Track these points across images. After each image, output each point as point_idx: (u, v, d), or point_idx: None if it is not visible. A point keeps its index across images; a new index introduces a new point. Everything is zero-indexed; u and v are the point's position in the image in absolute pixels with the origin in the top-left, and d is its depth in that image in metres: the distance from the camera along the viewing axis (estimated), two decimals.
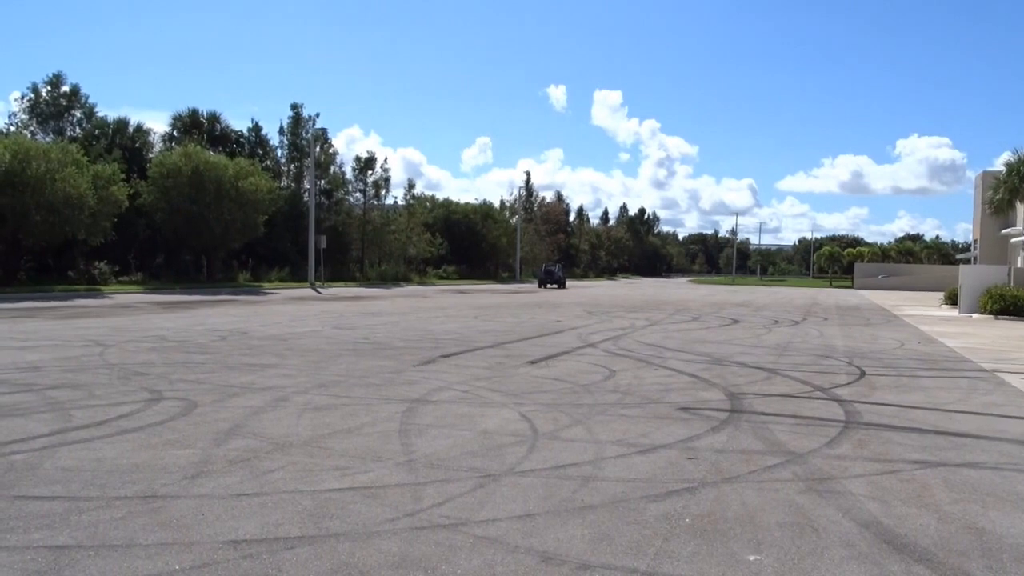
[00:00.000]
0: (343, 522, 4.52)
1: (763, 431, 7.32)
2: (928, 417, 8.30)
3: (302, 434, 6.80)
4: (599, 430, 7.21)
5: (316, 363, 11.60)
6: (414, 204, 74.17)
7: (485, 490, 5.20)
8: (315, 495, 5.03)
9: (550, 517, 4.68)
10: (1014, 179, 29.71)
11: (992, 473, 5.99)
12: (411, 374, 10.65)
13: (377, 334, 16.60)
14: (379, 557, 4.01)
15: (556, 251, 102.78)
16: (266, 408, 7.98)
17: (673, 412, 8.21)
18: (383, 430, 7.02)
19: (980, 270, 33.76)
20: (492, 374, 10.81)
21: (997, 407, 9.03)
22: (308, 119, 61.56)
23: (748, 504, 5.03)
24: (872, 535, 4.50)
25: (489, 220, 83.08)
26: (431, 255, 70.75)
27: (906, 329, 21.80)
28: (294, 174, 62.75)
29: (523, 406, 8.34)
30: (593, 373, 11.10)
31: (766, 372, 11.65)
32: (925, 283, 69.89)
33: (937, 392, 10.10)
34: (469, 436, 6.84)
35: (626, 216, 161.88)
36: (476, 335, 16.84)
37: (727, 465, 6.02)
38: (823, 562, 4.08)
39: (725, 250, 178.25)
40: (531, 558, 4.04)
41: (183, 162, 44.74)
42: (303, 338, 15.42)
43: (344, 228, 62.25)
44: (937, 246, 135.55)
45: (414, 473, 5.59)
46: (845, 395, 9.61)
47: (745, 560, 4.10)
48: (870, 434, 7.32)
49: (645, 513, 4.80)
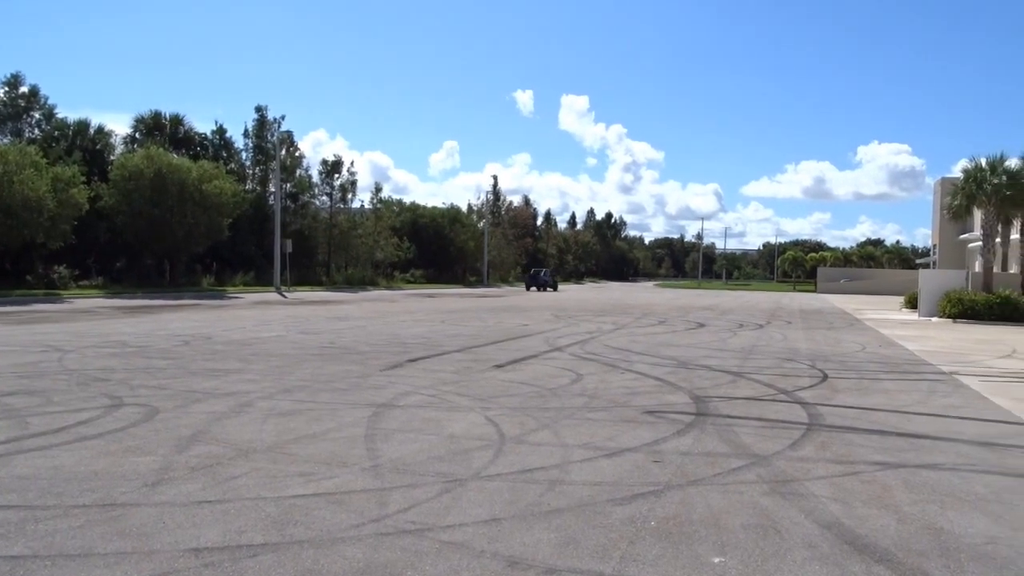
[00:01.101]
0: (307, 529, 4.47)
1: (728, 434, 7.39)
2: (889, 419, 8.43)
3: (266, 440, 6.72)
4: (566, 434, 7.22)
5: (281, 368, 11.48)
6: (381, 208, 73.83)
7: (451, 495, 5.18)
8: (279, 501, 4.97)
9: (516, 521, 4.68)
10: (971, 185, 30.29)
11: (950, 474, 6.10)
12: (378, 379, 10.59)
13: (343, 338, 16.49)
14: (344, 564, 3.98)
15: (524, 255, 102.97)
16: (229, 414, 7.88)
17: (639, 416, 8.25)
18: (349, 435, 6.97)
19: (939, 274, 34.44)
20: (459, 378, 10.78)
21: (955, 409, 9.20)
22: (273, 122, 61.03)
23: (713, 506, 5.07)
24: (834, 536, 4.56)
25: (457, 224, 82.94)
26: (398, 259, 70.42)
27: (867, 333, 22.15)
28: (259, 177, 62.14)
29: (490, 410, 8.32)
30: (560, 377, 11.12)
31: (731, 375, 11.76)
32: (886, 287, 71.11)
33: (897, 394, 10.27)
34: (435, 441, 6.81)
35: (593, 220, 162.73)
36: (443, 339, 16.79)
37: (692, 468, 6.06)
38: (786, 563, 4.12)
39: (691, 254, 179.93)
40: (497, 563, 4.03)
41: (145, 164, 44.02)
42: (268, 343, 15.26)
43: (310, 232, 61.73)
44: (898, 251, 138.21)
45: (380, 478, 5.56)
46: (808, 398, 9.73)
47: (710, 562, 4.13)
48: (832, 436, 7.42)
49: (611, 516, 4.81)
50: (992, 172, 30.00)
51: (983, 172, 30.17)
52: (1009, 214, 31.34)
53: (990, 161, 30.38)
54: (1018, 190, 29.72)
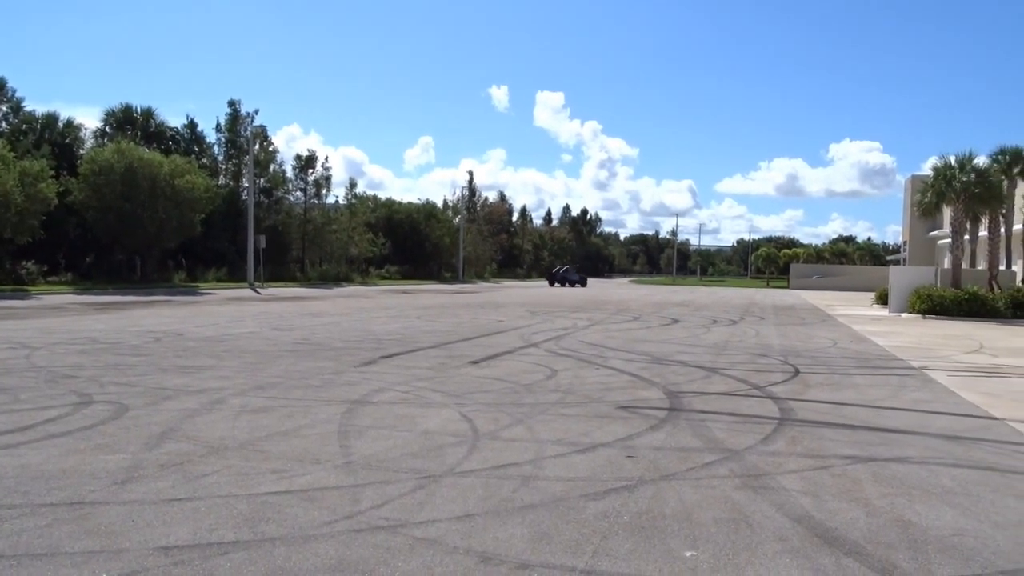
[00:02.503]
0: (279, 526, 4.44)
1: (701, 429, 7.43)
2: (859, 413, 8.53)
3: (238, 437, 6.67)
4: (540, 429, 7.23)
5: (254, 365, 11.39)
6: (356, 203, 73.41)
7: (425, 491, 5.17)
8: (251, 499, 4.93)
9: (490, 517, 4.68)
10: (941, 183, 30.69)
11: (919, 467, 6.18)
12: (351, 375, 10.53)
13: (317, 335, 16.39)
14: (316, 560, 3.95)
15: (499, 251, 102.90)
16: (201, 411, 7.80)
17: (613, 411, 8.28)
18: (322, 432, 6.93)
19: (909, 271, 34.89)
20: (434, 374, 10.76)
21: (924, 403, 9.33)
22: (246, 116, 60.42)
23: (685, 501, 5.10)
24: (804, 529, 4.60)
25: (432, 220, 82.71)
26: (373, 255, 70.11)
27: (839, 328, 22.40)
28: (232, 172, 61.54)
29: (464, 406, 8.31)
30: (535, 373, 11.13)
31: (705, 371, 11.84)
32: (857, 283, 71.98)
33: (868, 389, 10.39)
34: (409, 437, 6.79)
35: (569, 217, 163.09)
36: (418, 335, 16.75)
37: (665, 463, 6.09)
38: (757, 557, 4.16)
39: (666, 251, 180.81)
40: (470, 559, 4.03)
41: (116, 159, 43.41)
42: (241, 339, 15.13)
43: (284, 227, 61.23)
44: (869, 247, 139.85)
45: (353, 475, 5.53)
46: (780, 393, 9.82)
47: (682, 556, 4.15)
48: (804, 431, 7.49)
49: (584, 512, 4.83)
50: (961, 170, 30.41)
51: (952, 170, 30.58)
52: (977, 211, 31.80)
53: (959, 159, 30.80)
54: (986, 188, 30.16)
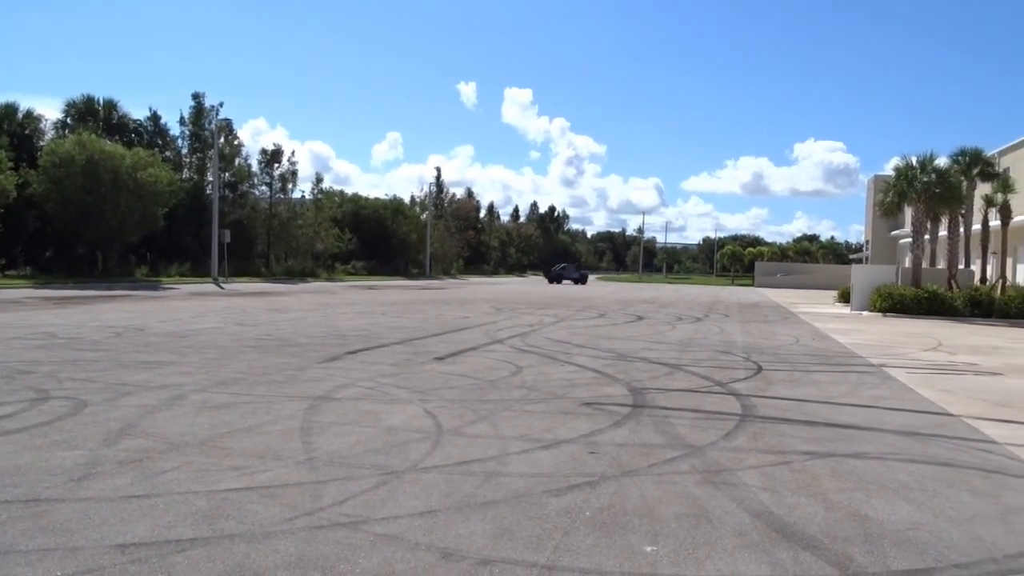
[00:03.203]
0: (239, 523, 4.40)
1: (664, 425, 7.49)
2: (819, 410, 8.66)
3: (199, 433, 6.59)
4: (504, 426, 7.24)
5: (216, 360, 11.26)
6: (322, 198, 72.79)
7: (387, 487, 5.15)
8: (210, 495, 4.87)
9: (452, 513, 4.67)
10: (902, 183, 31.22)
11: (876, 463, 6.29)
12: (315, 371, 10.46)
13: (282, 330, 16.24)
14: (275, 557, 3.92)
15: (466, 248, 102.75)
16: (161, 407, 7.69)
17: (577, 407, 8.31)
18: (284, 428, 6.87)
19: (870, 269, 35.47)
20: (398, 371, 10.71)
21: (882, 400, 9.49)
22: (211, 109, 59.48)
23: (647, 496, 5.14)
24: (763, 524, 4.66)
25: (399, 216, 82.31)
26: (339, 250, 69.60)
27: (802, 326, 22.70)
28: (196, 166, 60.66)
29: (428, 402, 8.30)
30: (499, 369, 11.14)
31: (668, 367, 11.93)
32: (821, 282, 72.95)
33: (828, 386, 10.55)
34: (373, 433, 6.76)
35: (536, 214, 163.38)
36: (383, 331, 16.67)
37: (628, 459, 6.13)
38: (716, 551, 4.20)
39: (632, 248, 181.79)
40: (431, 555, 4.02)
41: (77, 151, 42.57)
42: (203, 335, 14.95)
43: (249, 222, 60.54)
44: (832, 246, 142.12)
45: (315, 471, 5.49)
46: (742, 389, 9.93)
47: (642, 551, 4.18)
48: (765, 427, 7.59)
49: (547, 507, 4.84)
50: (922, 170, 30.97)
51: (914, 170, 31.12)
52: (938, 211, 32.40)
53: (920, 160, 31.36)
54: (946, 188, 30.75)
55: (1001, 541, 4.50)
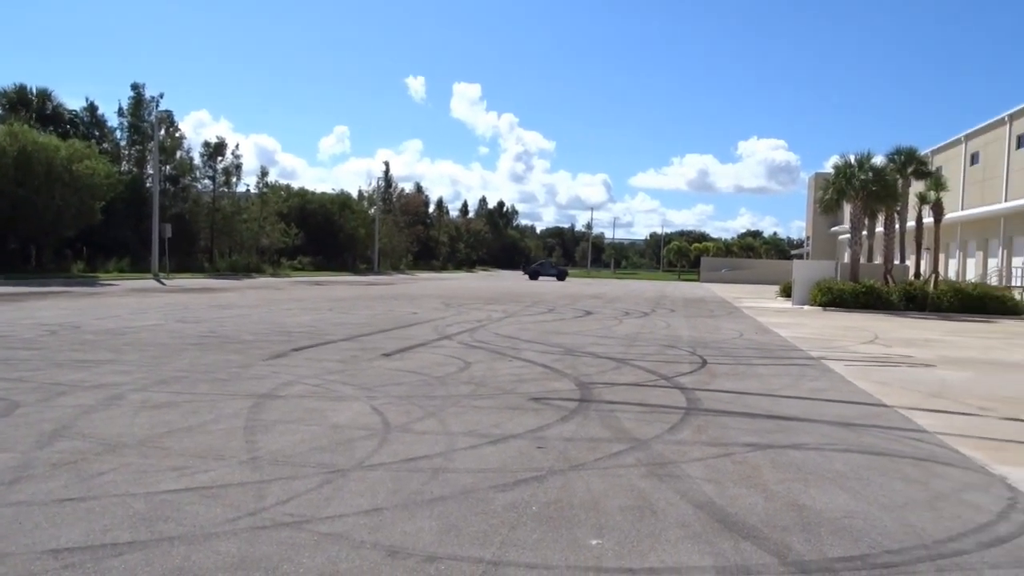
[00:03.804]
0: (179, 525, 4.31)
1: (610, 419, 7.56)
2: (761, 402, 8.84)
3: (137, 434, 6.44)
4: (451, 422, 7.23)
5: (157, 358, 11.01)
6: (267, 192, 71.62)
7: (332, 486, 5.10)
8: (149, 497, 4.77)
9: (398, 511, 4.65)
10: (841, 180, 32.01)
11: (815, 453, 6.44)
12: (260, 368, 10.30)
13: (225, 327, 15.96)
14: (216, 559, 3.86)
15: (415, 243, 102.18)
16: (98, 407, 7.50)
17: (525, 402, 8.34)
18: (227, 427, 6.76)
19: (811, 265, 36.29)
20: (345, 367, 10.62)
21: (821, 392, 9.73)
22: (151, 100, 58.11)
23: (593, 490, 5.18)
24: (706, 515, 4.74)
25: (347, 210, 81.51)
26: (285, 246, 68.59)
27: (745, 320, 23.12)
28: (136, 158, 59.12)
29: (375, 399, 8.24)
30: (448, 365, 11.12)
31: (615, 362, 12.04)
32: (764, 276, 74.49)
33: (770, 379, 10.77)
34: (318, 431, 6.69)
35: (485, 209, 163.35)
36: (330, 328, 16.50)
37: (575, 453, 6.18)
38: (660, 543, 4.26)
39: (581, 244, 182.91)
40: (377, 553, 4.00)
41: (8, 142, 41.10)
42: (143, 332, 14.60)
43: (191, 216, 59.29)
44: (775, 242, 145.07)
45: (258, 471, 5.41)
46: (687, 383, 10.08)
47: (588, 545, 4.22)
48: (708, 419, 7.71)
49: (493, 503, 4.85)
50: (860, 168, 31.81)
51: (852, 169, 31.95)
52: (874, 208, 33.32)
53: (859, 158, 32.21)
54: (882, 186, 31.64)
55: (930, 527, 4.66)
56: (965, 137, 44.20)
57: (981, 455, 6.53)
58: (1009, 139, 37.93)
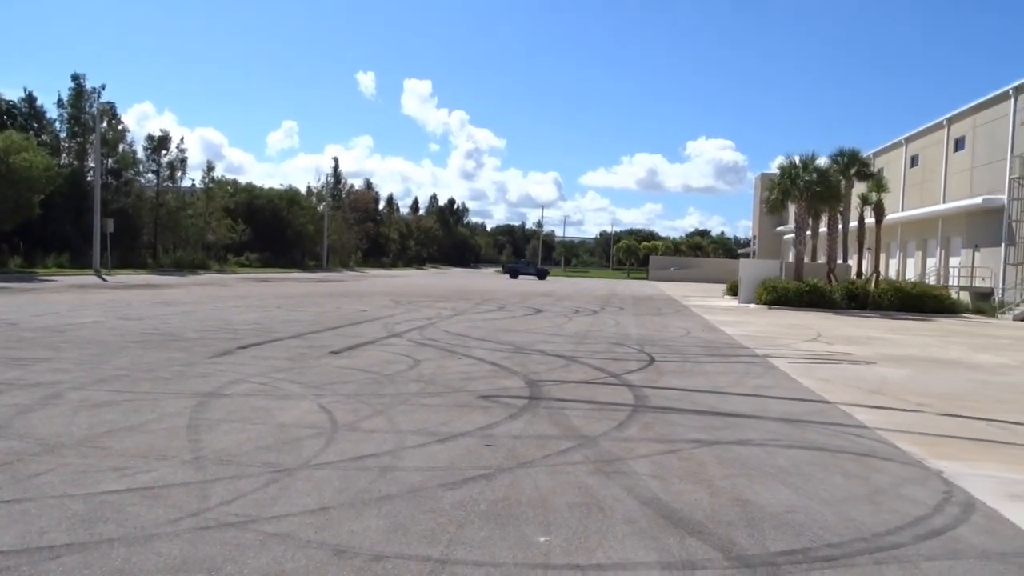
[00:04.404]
0: (119, 526, 4.21)
1: (559, 417, 7.60)
2: (707, 399, 8.97)
3: (76, 433, 6.27)
4: (400, 420, 7.19)
5: (97, 356, 10.74)
6: (213, 187, 70.18)
7: (278, 485, 5.04)
8: (88, 499, 4.65)
9: (345, 510, 4.61)
10: (786, 181, 32.67)
11: (759, 449, 6.56)
12: (205, 366, 10.11)
13: (169, 324, 15.63)
14: (158, 561, 3.78)
15: (365, 240, 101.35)
16: (35, 406, 7.28)
17: (474, 400, 8.34)
18: (170, 426, 6.62)
19: (757, 264, 36.97)
20: (292, 365, 10.49)
21: (765, 389, 9.92)
22: (92, 91, 56.53)
23: (541, 487, 5.20)
24: (652, 511, 4.80)
25: (295, 206, 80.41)
26: (232, 242, 67.42)
27: (693, 318, 23.44)
28: (76, 151, 57.45)
29: (323, 397, 8.16)
30: (397, 363, 11.06)
31: (565, 360, 12.11)
32: (711, 275, 75.61)
33: (716, 376, 10.94)
34: (264, 430, 6.59)
35: (436, 206, 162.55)
36: (278, 325, 16.27)
37: (523, 450, 6.20)
38: (607, 539, 4.30)
39: (531, 242, 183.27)
40: (323, 552, 3.96)
41: None
42: (83, 329, 14.22)
43: (135, 211, 57.86)
44: (722, 241, 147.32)
45: (202, 471, 5.32)
46: (635, 380, 10.18)
47: (535, 542, 4.24)
48: (656, 416, 7.81)
49: (441, 501, 4.84)
50: (804, 169, 32.49)
51: (797, 169, 32.62)
52: (818, 208, 34.05)
53: (803, 159, 32.91)
54: (826, 187, 32.37)
55: (869, 520, 4.78)
56: (905, 140, 45.36)
57: (918, 450, 6.73)
58: (947, 142, 39.06)
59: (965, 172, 37.24)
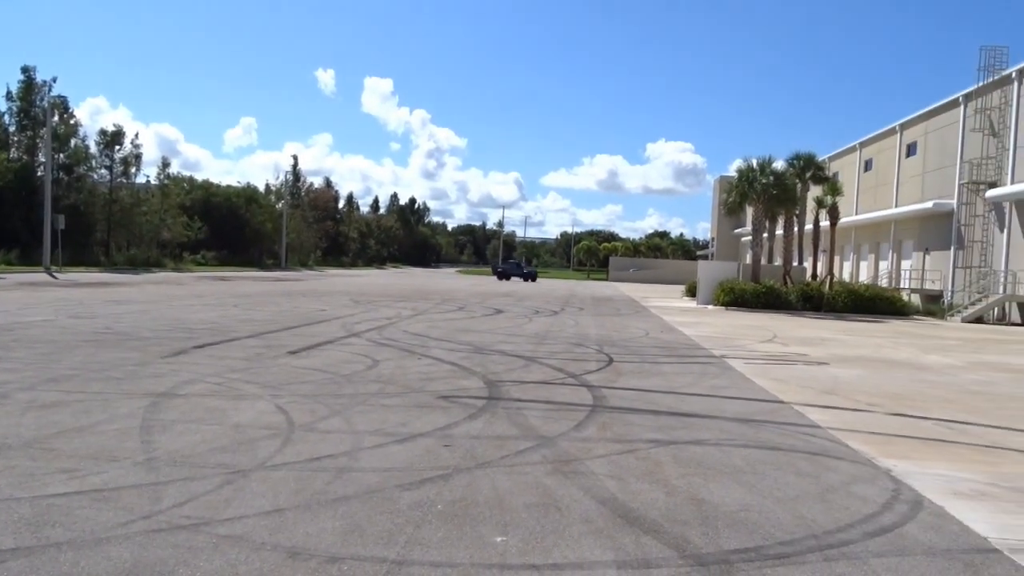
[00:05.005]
0: (67, 530, 4.13)
1: (518, 417, 7.62)
2: (665, 400, 9.06)
3: (24, 435, 6.12)
4: (358, 420, 7.15)
5: (47, 355, 10.49)
6: (169, 184, 69.10)
7: (233, 487, 4.97)
8: (35, 502, 4.54)
9: (300, 511, 4.57)
10: (744, 184, 33.10)
11: (714, 449, 6.65)
12: (159, 366, 9.94)
13: (122, 323, 15.33)
14: (108, 565, 3.71)
15: (324, 238, 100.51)
16: None
17: (433, 401, 8.32)
18: (122, 427, 6.50)
19: (715, 266, 37.41)
20: (249, 365, 10.36)
21: (721, 389, 10.04)
22: (43, 84, 55.28)
23: (499, 488, 5.21)
24: (609, 511, 4.83)
25: (253, 204, 79.52)
26: (188, 239, 66.38)
27: (652, 319, 23.65)
28: (26, 145, 56.11)
29: (280, 398, 8.07)
30: (355, 363, 10.98)
31: (524, 360, 12.14)
32: (670, 276, 76.32)
33: (674, 377, 11.05)
34: (219, 431, 6.50)
35: (396, 205, 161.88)
36: (234, 324, 16.06)
37: (481, 451, 6.20)
38: (564, 539, 4.32)
39: (492, 242, 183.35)
40: (277, 555, 3.92)
41: None
42: (33, 328, 13.89)
43: (87, 207, 56.66)
44: (681, 243, 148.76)
45: (154, 472, 5.23)
46: (594, 381, 10.24)
47: (492, 542, 4.24)
48: (613, 417, 7.86)
49: (399, 502, 4.82)
50: (762, 172, 32.95)
51: (754, 172, 33.07)
52: (775, 211, 34.57)
53: (760, 162, 33.36)
54: (782, 190, 32.87)
55: (821, 518, 4.87)
56: (860, 144, 46.26)
57: (869, 449, 6.87)
58: (899, 148, 39.93)
59: (917, 177, 38.13)
